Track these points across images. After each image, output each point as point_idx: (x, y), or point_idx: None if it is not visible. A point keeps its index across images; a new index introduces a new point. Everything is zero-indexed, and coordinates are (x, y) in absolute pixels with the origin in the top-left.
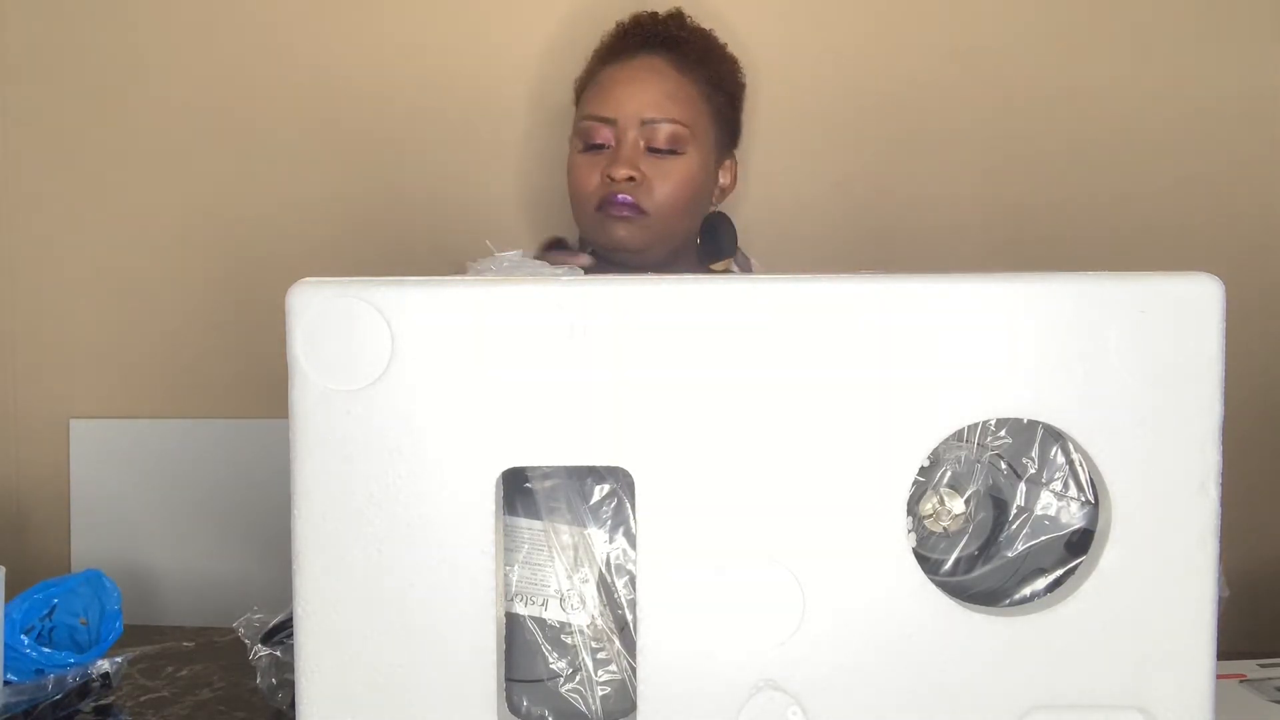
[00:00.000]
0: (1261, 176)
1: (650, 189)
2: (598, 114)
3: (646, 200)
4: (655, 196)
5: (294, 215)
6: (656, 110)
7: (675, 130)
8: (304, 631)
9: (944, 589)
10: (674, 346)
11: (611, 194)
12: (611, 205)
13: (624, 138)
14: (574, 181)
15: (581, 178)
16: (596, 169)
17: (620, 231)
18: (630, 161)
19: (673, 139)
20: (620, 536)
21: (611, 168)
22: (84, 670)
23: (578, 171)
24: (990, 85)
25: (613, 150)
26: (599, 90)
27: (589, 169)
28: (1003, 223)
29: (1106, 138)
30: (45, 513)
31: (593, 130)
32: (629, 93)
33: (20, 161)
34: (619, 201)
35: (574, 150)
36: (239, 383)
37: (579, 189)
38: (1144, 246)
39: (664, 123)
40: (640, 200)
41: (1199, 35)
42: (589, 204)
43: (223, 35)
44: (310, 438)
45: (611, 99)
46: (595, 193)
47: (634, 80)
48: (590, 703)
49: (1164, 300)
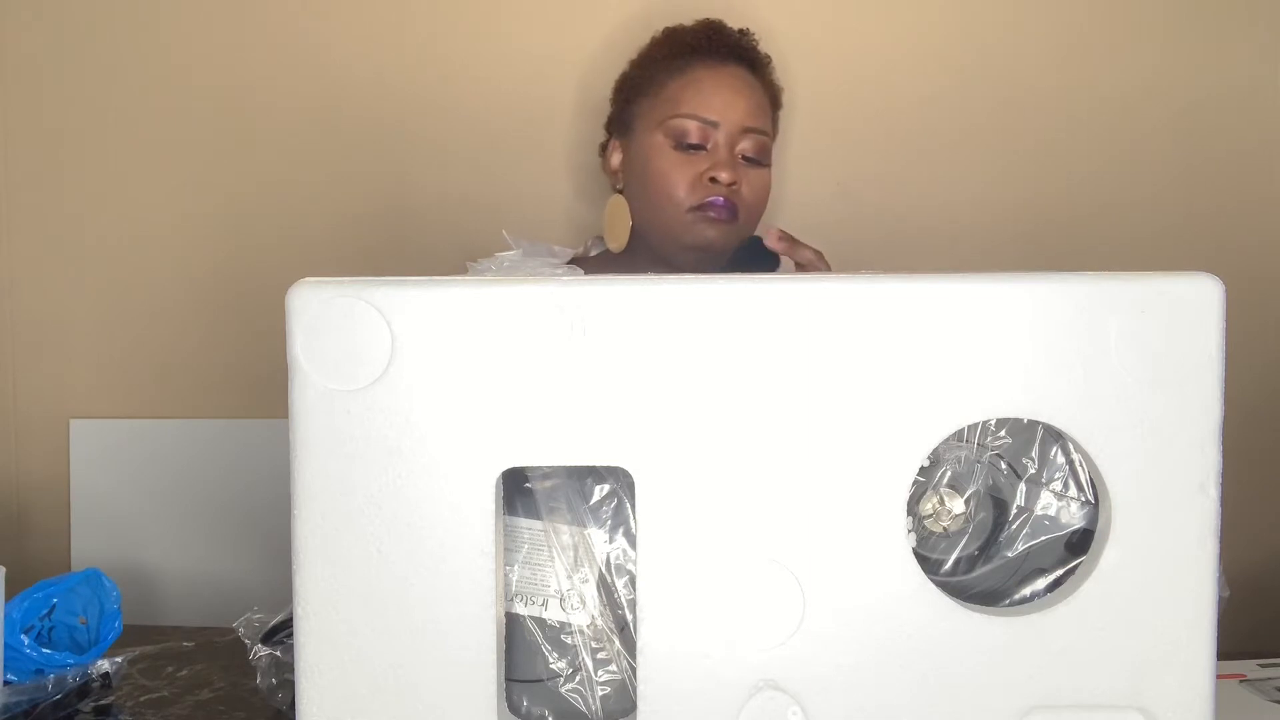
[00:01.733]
0: (1262, 176)
1: (743, 196)
2: (701, 115)
3: (741, 207)
4: (747, 203)
5: (294, 215)
6: (755, 120)
7: (766, 142)
8: (304, 631)
9: (944, 589)
10: (674, 346)
11: (713, 197)
12: (711, 208)
13: (725, 143)
14: (666, 179)
15: (675, 177)
16: (692, 169)
17: (712, 233)
18: (736, 167)
19: (763, 150)
20: (620, 536)
21: (716, 170)
22: (84, 670)
23: (672, 170)
24: (990, 86)
25: (711, 153)
26: (700, 91)
27: (683, 168)
28: (1002, 223)
29: (1106, 138)
30: (45, 513)
31: (692, 130)
32: (732, 99)
33: (20, 162)
34: (720, 205)
35: (661, 147)
36: (239, 383)
37: (670, 188)
38: (1144, 246)
39: (759, 133)
40: (737, 206)
41: (1199, 35)
42: (681, 203)
43: (223, 35)
44: (310, 438)
45: (717, 102)
46: (691, 195)
47: (735, 88)
48: (590, 703)
49: (1164, 300)
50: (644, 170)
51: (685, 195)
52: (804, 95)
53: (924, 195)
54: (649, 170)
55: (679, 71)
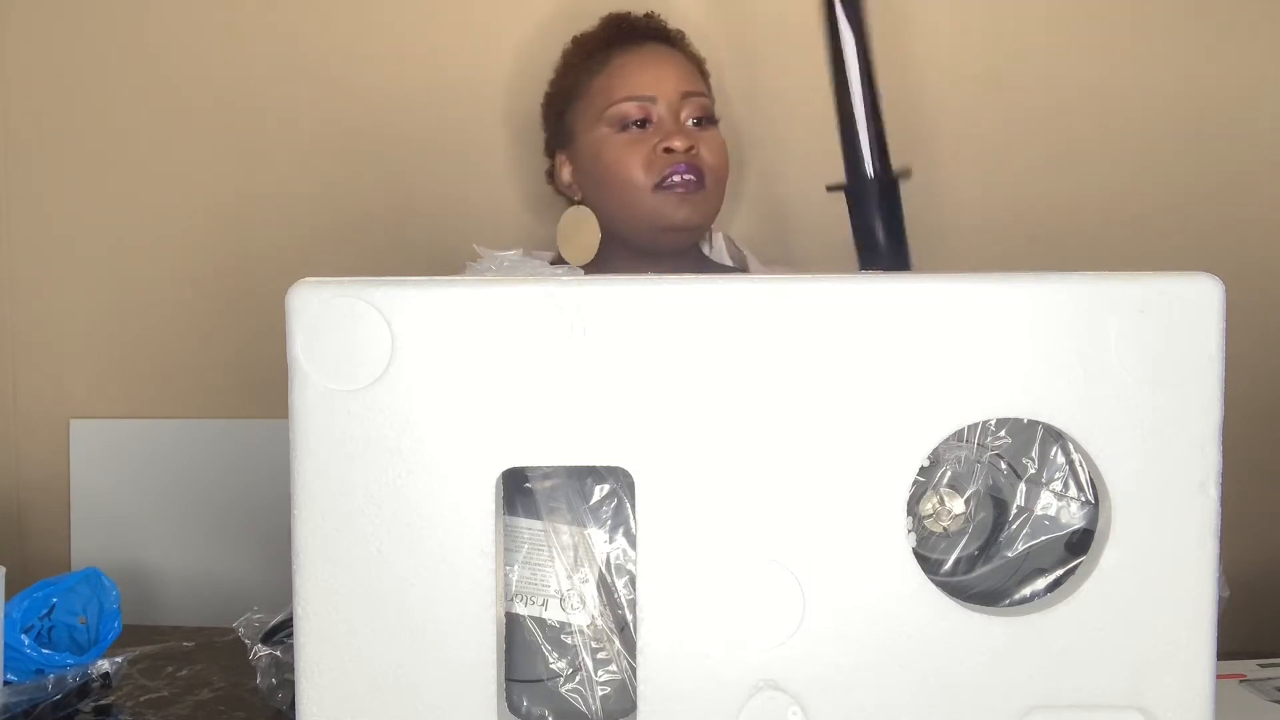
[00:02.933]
0: (1262, 176)
1: (704, 159)
2: (636, 94)
3: (703, 168)
4: (708, 163)
5: (294, 216)
6: (690, 84)
7: (707, 103)
8: (304, 631)
9: (944, 589)
10: (674, 346)
11: (672, 169)
12: (673, 181)
13: (668, 113)
14: (620, 164)
15: (629, 159)
16: (643, 146)
17: (684, 210)
18: (686, 132)
19: (707, 110)
20: (620, 536)
21: (668, 140)
22: (84, 670)
23: (623, 153)
24: (988, 85)
25: (657, 126)
26: (627, 73)
27: (634, 147)
28: (1002, 223)
29: (1107, 138)
30: (45, 513)
31: (632, 110)
32: (660, 72)
33: (20, 162)
34: (682, 172)
35: (607, 137)
36: (239, 383)
37: (628, 172)
38: (1144, 246)
39: (698, 96)
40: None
41: (1199, 34)
42: (642, 185)
43: (222, 36)
44: (310, 438)
45: (647, 77)
46: (649, 173)
47: (660, 60)
48: (590, 703)
49: (1164, 300)
50: (596, 166)
51: (644, 174)
52: (804, 95)
53: (925, 195)
54: (600, 164)
55: (600, 66)
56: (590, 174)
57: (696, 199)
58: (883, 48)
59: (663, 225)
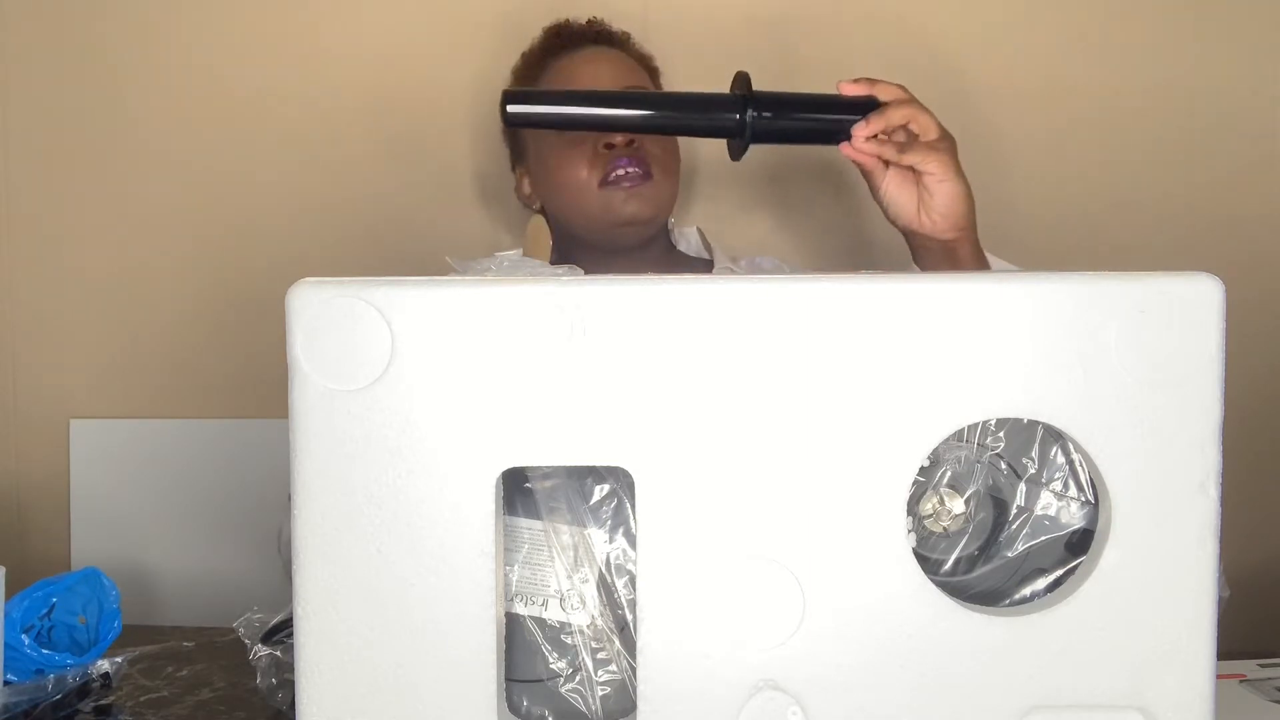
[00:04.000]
0: (1262, 176)
1: (648, 150)
2: None
3: (650, 161)
4: (655, 155)
5: (293, 215)
6: (628, 79)
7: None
8: (304, 631)
9: (944, 589)
10: (674, 346)
11: (613, 164)
12: (618, 176)
13: None
14: (563, 169)
15: (572, 161)
16: (585, 146)
17: (632, 206)
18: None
19: None
20: (620, 536)
21: (607, 136)
22: (84, 670)
23: (566, 156)
24: (988, 84)
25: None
26: (564, 79)
27: (576, 148)
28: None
29: (1106, 137)
30: (45, 513)
31: None
32: (596, 69)
33: (20, 162)
34: (625, 165)
35: (552, 143)
36: (239, 383)
37: (572, 174)
38: (1144, 246)
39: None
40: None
41: (1199, 34)
42: (589, 185)
43: (223, 36)
44: (310, 438)
45: (583, 77)
46: (593, 172)
47: (595, 60)
48: (590, 703)
49: (1164, 300)
50: (545, 172)
51: (588, 173)
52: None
53: None
54: (548, 169)
55: (538, 75)
56: (542, 181)
57: (645, 191)
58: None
59: (613, 221)
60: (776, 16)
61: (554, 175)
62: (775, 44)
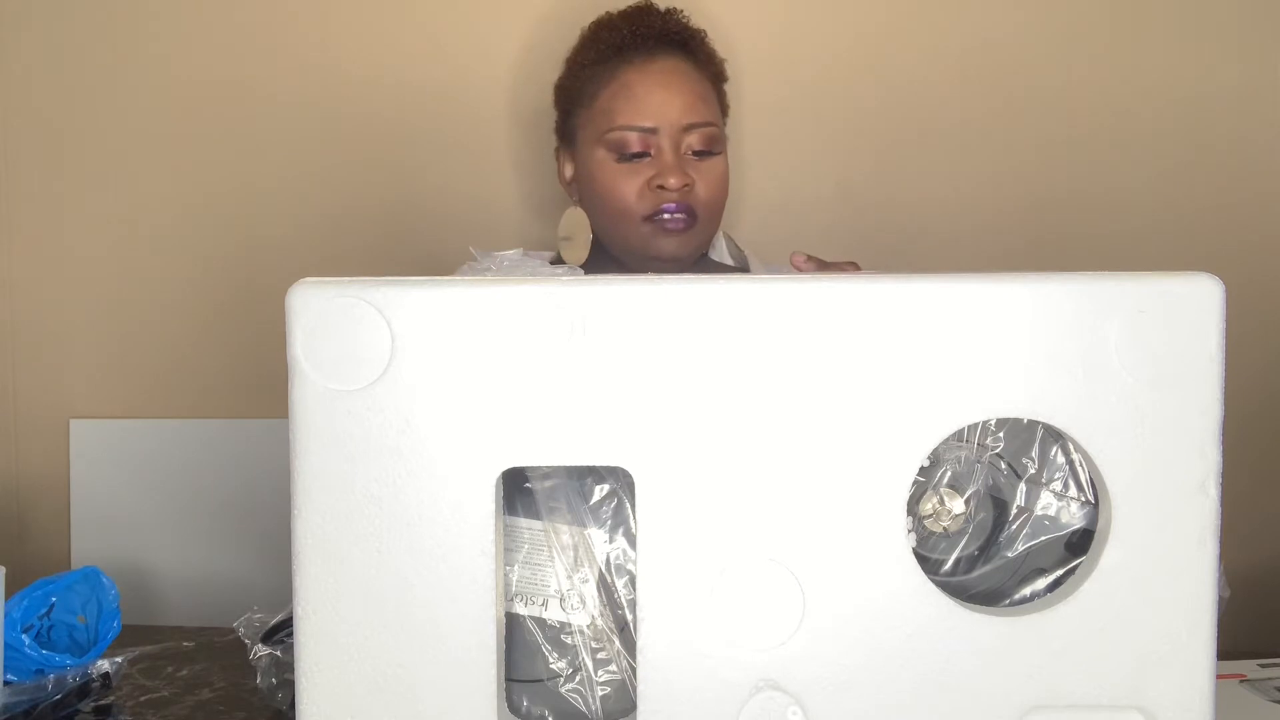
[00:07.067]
0: (1262, 176)
1: (697, 193)
2: (637, 124)
3: (696, 206)
4: (702, 199)
5: (294, 215)
6: (694, 114)
7: (712, 132)
8: (304, 631)
9: (944, 589)
10: (674, 346)
11: (663, 205)
12: (666, 218)
13: (669, 145)
14: (613, 193)
15: (623, 189)
16: (638, 178)
17: (672, 245)
18: (682, 170)
19: (710, 140)
20: (620, 536)
21: (663, 177)
22: (84, 670)
23: (618, 183)
24: (989, 85)
25: (655, 159)
26: (631, 98)
27: (629, 179)
28: (1003, 222)
29: (1107, 137)
30: (45, 513)
31: (632, 141)
32: (666, 99)
33: (20, 161)
34: (674, 210)
35: (604, 161)
36: (239, 383)
37: (620, 201)
38: (1144, 246)
39: (702, 126)
40: (692, 206)
41: (1199, 33)
42: (633, 216)
43: (223, 36)
44: (310, 438)
45: (650, 107)
46: (641, 204)
47: (668, 85)
48: (590, 703)
49: (1164, 300)
50: (592, 185)
51: (636, 204)
52: (803, 95)
53: (924, 195)
54: (596, 185)
55: (609, 78)
56: (587, 188)
57: (687, 235)
58: (884, 46)
59: (649, 255)
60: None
61: (601, 193)
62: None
